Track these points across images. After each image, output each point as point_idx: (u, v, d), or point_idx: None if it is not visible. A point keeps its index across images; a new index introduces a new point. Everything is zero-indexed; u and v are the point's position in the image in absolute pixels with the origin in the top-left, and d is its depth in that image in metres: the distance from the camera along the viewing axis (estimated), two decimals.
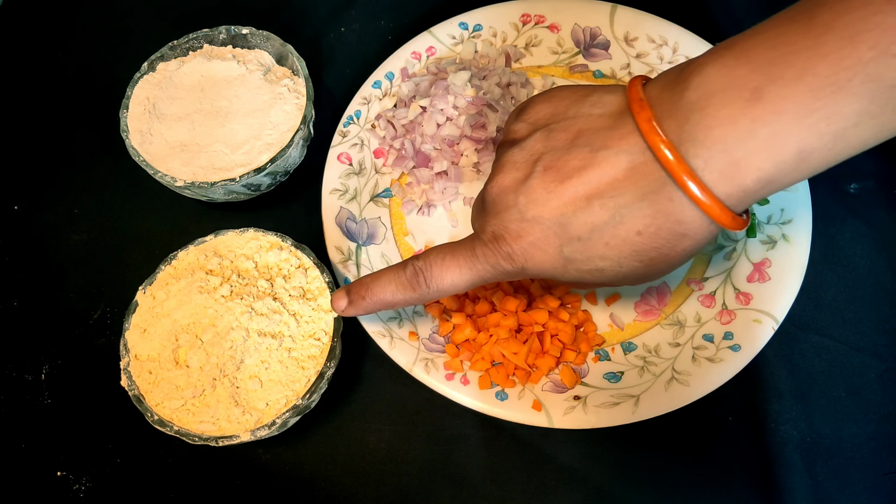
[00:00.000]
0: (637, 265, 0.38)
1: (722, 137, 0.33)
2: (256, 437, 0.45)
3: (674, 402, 0.49)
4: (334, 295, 0.47)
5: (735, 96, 0.33)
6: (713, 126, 0.34)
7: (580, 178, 0.37)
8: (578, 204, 0.37)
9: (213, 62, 0.59)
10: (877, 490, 0.48)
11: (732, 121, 0.33)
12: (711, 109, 0.34)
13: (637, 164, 0.36)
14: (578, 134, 0.38)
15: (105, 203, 0.62)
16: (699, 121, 0.34)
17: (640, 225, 0.36)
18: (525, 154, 0.39)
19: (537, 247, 0.39)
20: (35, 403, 0.54)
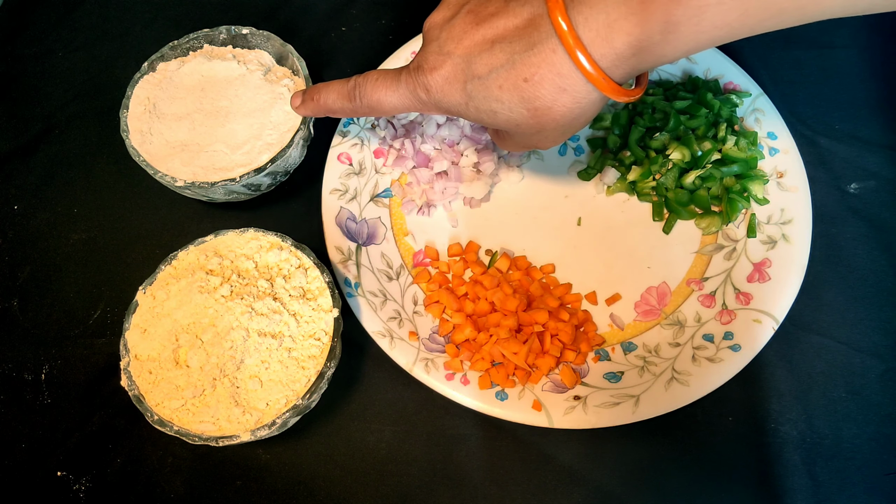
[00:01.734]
0: (525, 113, 0.42)
1: (603, 0, 0.37)
2: (256, 437, 0.45)
3: (674, 402, 0.49)
4: (294, 94, 0.53)
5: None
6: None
7: (490, 22, 0.41)
8: (484, 46, 0.41)
9: (214, 62, 0.59)
10: (877, 490, 0.48)
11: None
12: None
13: (535, 17, 0.40)
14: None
15: (105, 203, 0.62)
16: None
17: (526, 72, 0.40)
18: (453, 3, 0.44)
19: (447, 80, 0.43)
20: (35, 403, 0.54)
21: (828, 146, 0.59)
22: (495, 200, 0.59)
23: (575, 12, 0.38)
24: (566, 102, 0.40)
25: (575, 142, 0.60)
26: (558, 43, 0.39)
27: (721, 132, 0.56)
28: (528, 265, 0.56)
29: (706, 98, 0.56)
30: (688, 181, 0.55)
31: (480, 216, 0.58)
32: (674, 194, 0.56)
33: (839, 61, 0.64)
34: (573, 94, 0.40)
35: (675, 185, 0.56)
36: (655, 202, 0.57)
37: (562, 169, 0.59)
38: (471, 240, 0.57)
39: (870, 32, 0.65)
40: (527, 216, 0.58)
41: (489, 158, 0.58)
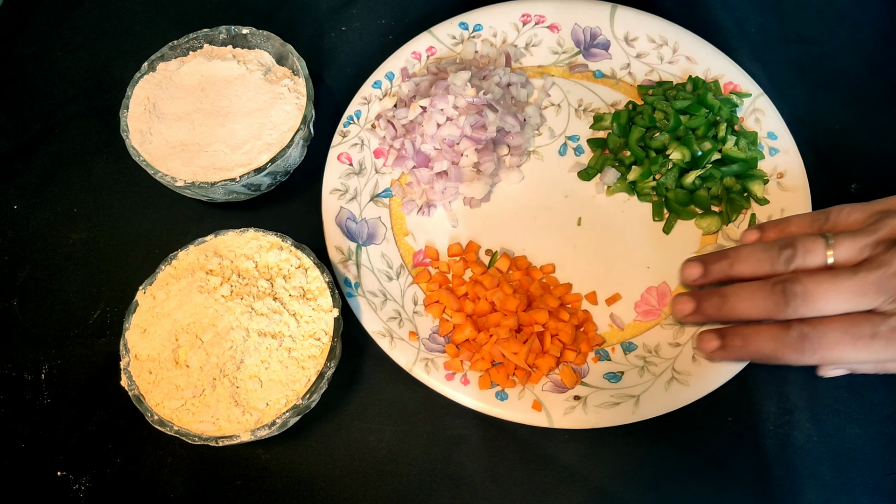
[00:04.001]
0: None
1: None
2: (256, 437, 0.45)
3: (674, 402, 0.49)
4: (702, 336, 0.47)
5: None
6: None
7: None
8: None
9: (214, 62, 0.59)
10: (879, 490, 0.48)
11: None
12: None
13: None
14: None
15: (105, 202, 0.62)
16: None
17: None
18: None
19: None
20: (35, 403, 0.54)
21: (828, 146, 0.59)
22: (495, 200, 0.59)
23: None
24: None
25: (575, 142, 0.60)
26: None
27: (721, 132, 0.56)
28: (528, 265, 0.56)
29: (706, 98, 0.56)
30: (688, 181, 0.55)
31: (480, 216, 0.58)
32: (674, 194, 0.56)
33: (839, 61, 0.64)
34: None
35: (675, 185, 0.56)
36: (655, 202, 0.57)
37: (562, 169, 0.59)
38: (471, 240, 0.57)
39: (870, 32, 0.65)
40: (527, 216, 0.58)
41: (489, 158, 0.57)
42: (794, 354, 0.43)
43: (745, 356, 0.46)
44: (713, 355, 0.47)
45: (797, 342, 0.42)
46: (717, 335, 0.47)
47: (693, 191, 0.56)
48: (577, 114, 0.61)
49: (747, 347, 0.45)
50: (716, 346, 0.47)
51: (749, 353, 0.45)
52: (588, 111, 0.61)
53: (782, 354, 0.43)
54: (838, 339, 0.41)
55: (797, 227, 0.47)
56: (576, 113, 0.62)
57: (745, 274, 0.46)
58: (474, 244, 0.57)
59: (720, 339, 0.47)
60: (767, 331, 0.44)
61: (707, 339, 0.47)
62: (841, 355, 0.42)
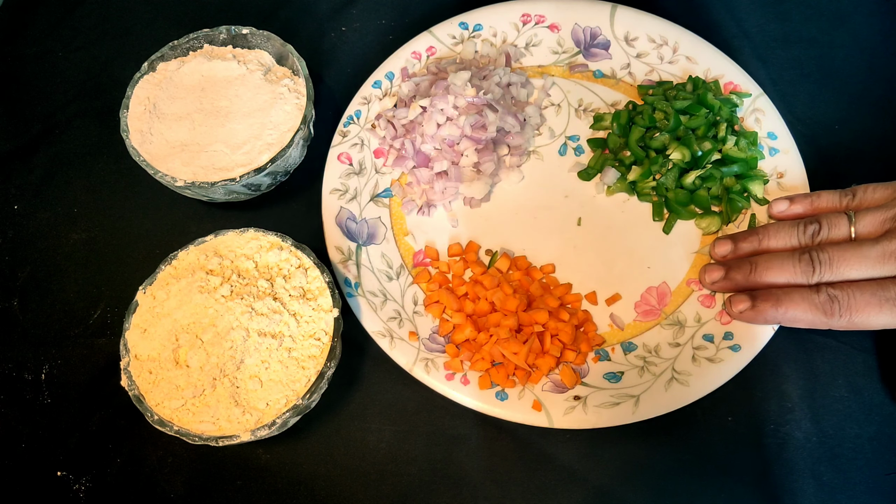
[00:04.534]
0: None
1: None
2: (256, 437, 0.45)
3: (674, 402, 0.49)
4: (734, 298, 0.48)
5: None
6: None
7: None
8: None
9: (214, 62, 0.59)
10: (879, 490, 0.48)
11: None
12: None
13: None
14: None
15: (105, 202, 0.62)
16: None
17: None
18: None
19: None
20: (35, 403, 0.54)
21: (828, 146, 0.59)
22: (495, 200, 0.59)
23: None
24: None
25: (575, 142, 0.60)
26: None
27: (721, 132, 0.56)
28: (528, 265, 0.56)
29: (706, 98, 0.56)
30: (688, 181, 0.55)
31: (480, 216, 0.58)
32: (674, 194, 0.56)
33: (839, 61, 0.64)
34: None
35: (675, 185, 0.56)
36: (655, 202, 0.57)
37: (562, 169, 0.59)
38: (471, 240, 0.57)
39: (870, 32, 0.65)
40: (527, 216, 0.58)
41: (489, 158, 0.57)
42: (823, 316, 0.44)
43: (774, 317, 0.46)
44: (743, 315, 0.48)
45: (827, 303, 0.44)
46: (749, 297, 0.48)
47: (693, 191, 0.56)
48: (577, 114, 0.61)
49: (778, 308, 0.46)
50: (746, 307, 0.47)
51: (779, 313, 0.46)
52: (588, 111, 0.61)
53: (813, 315, 0.45)
54: (867, 300, 0.43)
55: (826, 201, 0.49)
56: (576, 113, 0.62)
57: (774, 248, 0.48)
58: (474, 244, 0.57)
59: (751, 301, 0.47)
60: (798, 292, 0.45)
61: (738, 300, 0.48)
62: (868, 318, 0.43)
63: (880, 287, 0.43)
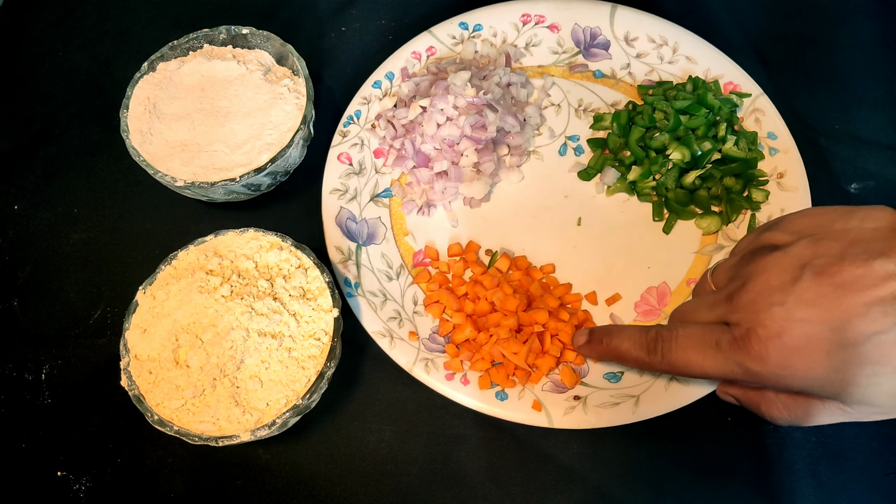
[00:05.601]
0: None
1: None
2: (256, 437, 0.45)
3: (674, 402, 0.49)
4: (577, 333, 0.50)
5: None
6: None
7: (857, 284, 0.35)
8: (856, 310, 0.35)
9: (214, 62, 0.59)
10: (878, 490, 0.48)
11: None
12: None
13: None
14: (851, 243, 0.37)
15: (105, 202, 0.62)
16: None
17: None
18: (791, 259, 0.38)
19: (799, 350, 0.37)
20: (35, 403, 0.54)
21: (828, 146, 0.59)
22: (495, 200, 0.59)
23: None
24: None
25: (575, 142, 0.60)
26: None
27: (721, 132, 0.56)
28: (528, 265, 0.56)
29: (706, 98, 0.56)
30: (688, 181, 0.55)
31: (480, 216, 0.58)
32: (674, 194, 0.56)
33: (839, 61, 0.64)
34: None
35: (675, 185, 0.56)
36: (655, 202, 0.57)
37: (562, 169, 0.59)
38: (471, 240, 0.57)
39: (870, 32, 0.65)
40: (527, 216, 0.58)
41: (489, 158, 0.57)
42: (645, 354, 0.44)
43: (604, 352, 0.47)
44: (580, 349, 0.50)
45: (651, 342, 0.44)
46: (588, 332, 0.49)
47: (693, 191, 0.56)
48: (577, 114, 0.61)
49: (608, 343, 0.47)
50: (584, 340, 0.49)
51: (608, 349, 0.47)
52: (588, 111, 0.61)
53: (636, 353, 0.45)
54: (686, 344, 0.42)
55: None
56: (576, 113, 0.62)
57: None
58: (474, 244, 0.57)
59: (588, 335, 0.49)
60: (630, 331, 0.46)
61: (579, 334, 0.50)
62: (688, 362, 0.41)
63: (704, 331, 0.41)
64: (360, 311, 0.53)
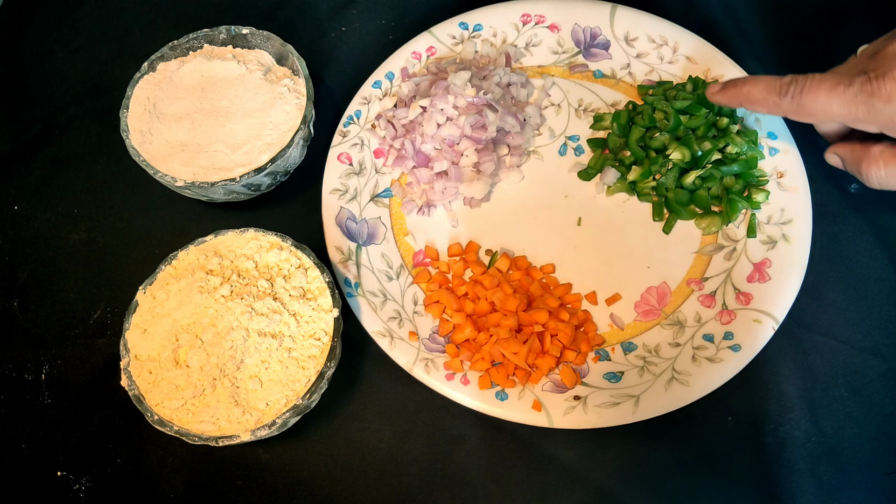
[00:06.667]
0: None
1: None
2: (256, 437, 0.45)
3: (674, 402, 0.49)
4: (711, 85, 0.52)
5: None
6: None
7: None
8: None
9: (214, 62, 0.59)
10: (878, 490, 0.48)
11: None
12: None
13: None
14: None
15: (105, 203, 0.62)
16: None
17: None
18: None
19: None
20: (35, 403, 0.54)
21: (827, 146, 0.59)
22: (495, 200, 0.59)
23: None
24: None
25: (575, 142, 0.60)
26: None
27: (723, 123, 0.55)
28: (528, 265, 0.56)
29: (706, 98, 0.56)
30: (688, 181, 0.55)
31: (480, 216, 0.58)
32: (674, 194, 0.56)
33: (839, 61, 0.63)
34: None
35: (675, 185, 0.56)
36: (655, 202, 0.57)
37: (562, 169, 0.59)
38: (471, 240, 0.57)
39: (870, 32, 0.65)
40: (527, 216, 0.58)
41: (489, 158, 0.57)
42: (776, 96, 0.46)
43: (736, 95, 0.50)
44: (714, 97, 0.52)
45: (785, 84, 0.46)
46: (723, 83, 0.51)
47: (693, 191, 0.56)
48: (577, 114, 0.61)
49: (742, 87, 0.49)
50: (718, 88, 0.51)
51: (742, 91, 0.49)
52: (588, 111, 0.61)
53: (767, 93, 0.47)
54: (821, 84, 0.44)
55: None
56: (576, 113, 0.62)
57: None
58: (474, 244, 0.57)
59: (723, 84, 0.51)
60: (765, 77, 0.48)
61: (713, 86, 0.52)
62: (815, 100, 0.44)
63: (842, 75, 0.44)
64: (360, 311, 0.53)
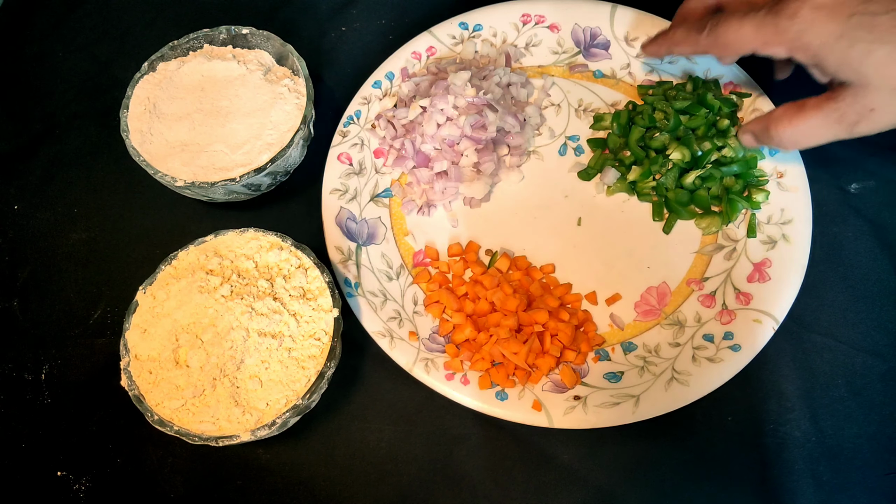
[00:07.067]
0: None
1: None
2: (256, 437, 0.45)
3: (674, 402, 0.49)
4: (643, 43, 0.57)
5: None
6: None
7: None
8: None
9: (214, 62, 0.59)
10: (878, 490, 0.48)
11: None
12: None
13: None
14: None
15: (105, 203, 0.62)
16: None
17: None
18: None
19: (824, 7, 0.42)
20: (35, 403, 0.54)
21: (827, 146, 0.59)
22: (495, 200, 0.59)
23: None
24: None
25: (575, 142, 0.60)
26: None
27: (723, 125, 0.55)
28: (528, 265, 0.56)
29: (706, 98, 0.56)
30: (688, 181, 0.55)
31: (480, 216, 0.58)
32: (674, 194, 0.56)
33: None
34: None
35: (675, 185, 0.56)
36: (655, 202, 0.57)
37: (562, 169, 0.59)
38: (471, 240, 0.57)
39: None
40: (527, 216, 0.58)
41: (489, 158, 0.57)
42: (696, 33, 0.49)
43: (666, 42, 0.53)
44: (646, 49, 0.56)
45: (703, 22, 0.49)
46: (652, 37, 0.55)
47: (693, 191, 0.56)
48: (577, 114, 0.61)
49: (667, 32, 0.53)
50: (648, 41, 0.55)
51: (669, 39, 0.53)
52: (588, 111, 0.61)
53: (688, 33, 0.50)
54: (731, 18, 0.46)
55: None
56: (576, 113, 0.62)
57: None
58: (474, 244, 0.57)
59: (653, 37, 0.55)
60: (686, 24, 0.51)
61: (644, 41, 0.56)
62: (727, 30, 0.46)
63: (748, 9, 0.46)
64: (360, 311, 0.53)
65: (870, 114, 0.44)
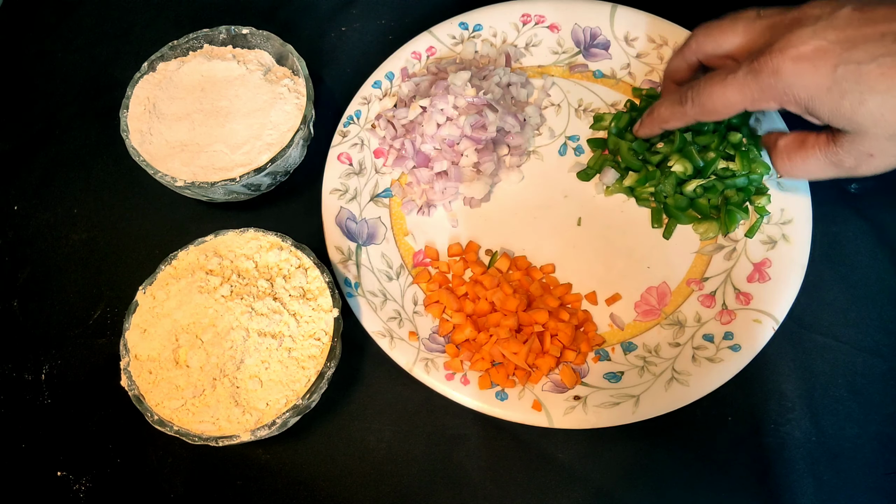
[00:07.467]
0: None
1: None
2: (256, 437, 0.45)
3: (674, 402, 0.49)
4: (634, 126, 0.56)
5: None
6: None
7: (884, 18, 0.40)
8: (872, 36, 0.40)
9: (213, 62, 0.59)
10: (878, 490, 0.48)
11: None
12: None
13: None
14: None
15: (105, 203, 0.62)
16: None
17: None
18: (833, 3, 0.42)
19: (810, 59, 0.41)
20: (35, 403, 0.54)
21: None
22: (495, 200, 0.59)
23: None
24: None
25: (575, 142, 0.60)
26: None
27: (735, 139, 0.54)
28: (528, 265, 0.56)
29: None
30: (688, 189, 0.55)
31: (480, 216, 0.58)
32: (673, 200, 0.56)
33: None
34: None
35: (675, 191, 0.56)
36: (654, 208, 0.57)
37: (562, 169, 0.59)
38: (471, 240, 0.57)
39: None
40: (527, 216, 0.58)
41: (489, 158, 0.57)
42: (679, 106, 0.49)
43: (656, 122, 0.52)
44: (638, 132, 0.55)
45: (683, 94, 0.48)
46: (640, 119, 0.55)
47: (693, 198, 0.55)
48: (577, 114, 0.61)
49: (652, 112, 0.52)
50: (638, 125, 0.55)
51: (657, 118, 0.52)
52: (588, 111, 0.61)
53: (672, 108, 0.50)
54: (710, 82, 0.46)
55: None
56: (576, 113, 0.62)
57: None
58: (474, 244, 0.57)
59: (640, 121, 0.54)
60: (666, 98, 0.51)
61: (636, 125, 0.55)
62: (712, 96, 0.46)
63: (728, 70, 0.45)
64: (360, 311, 0.53)
65: (868, 159, 0.44)
